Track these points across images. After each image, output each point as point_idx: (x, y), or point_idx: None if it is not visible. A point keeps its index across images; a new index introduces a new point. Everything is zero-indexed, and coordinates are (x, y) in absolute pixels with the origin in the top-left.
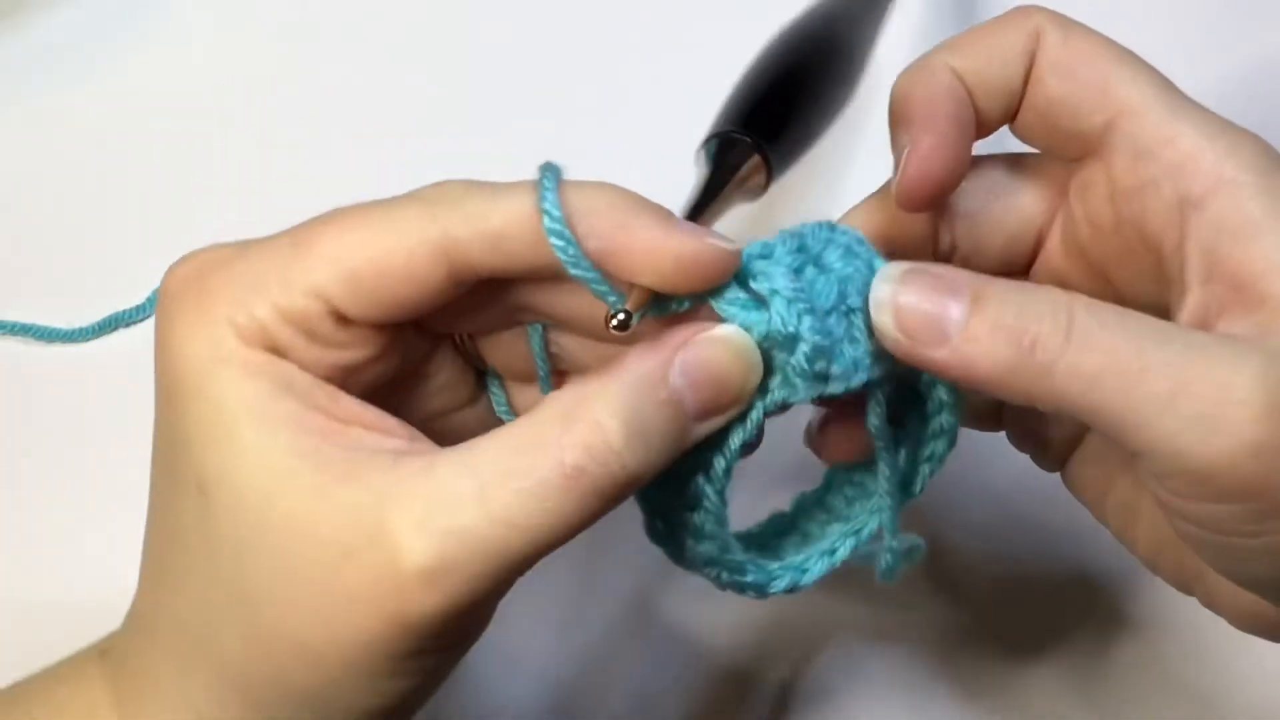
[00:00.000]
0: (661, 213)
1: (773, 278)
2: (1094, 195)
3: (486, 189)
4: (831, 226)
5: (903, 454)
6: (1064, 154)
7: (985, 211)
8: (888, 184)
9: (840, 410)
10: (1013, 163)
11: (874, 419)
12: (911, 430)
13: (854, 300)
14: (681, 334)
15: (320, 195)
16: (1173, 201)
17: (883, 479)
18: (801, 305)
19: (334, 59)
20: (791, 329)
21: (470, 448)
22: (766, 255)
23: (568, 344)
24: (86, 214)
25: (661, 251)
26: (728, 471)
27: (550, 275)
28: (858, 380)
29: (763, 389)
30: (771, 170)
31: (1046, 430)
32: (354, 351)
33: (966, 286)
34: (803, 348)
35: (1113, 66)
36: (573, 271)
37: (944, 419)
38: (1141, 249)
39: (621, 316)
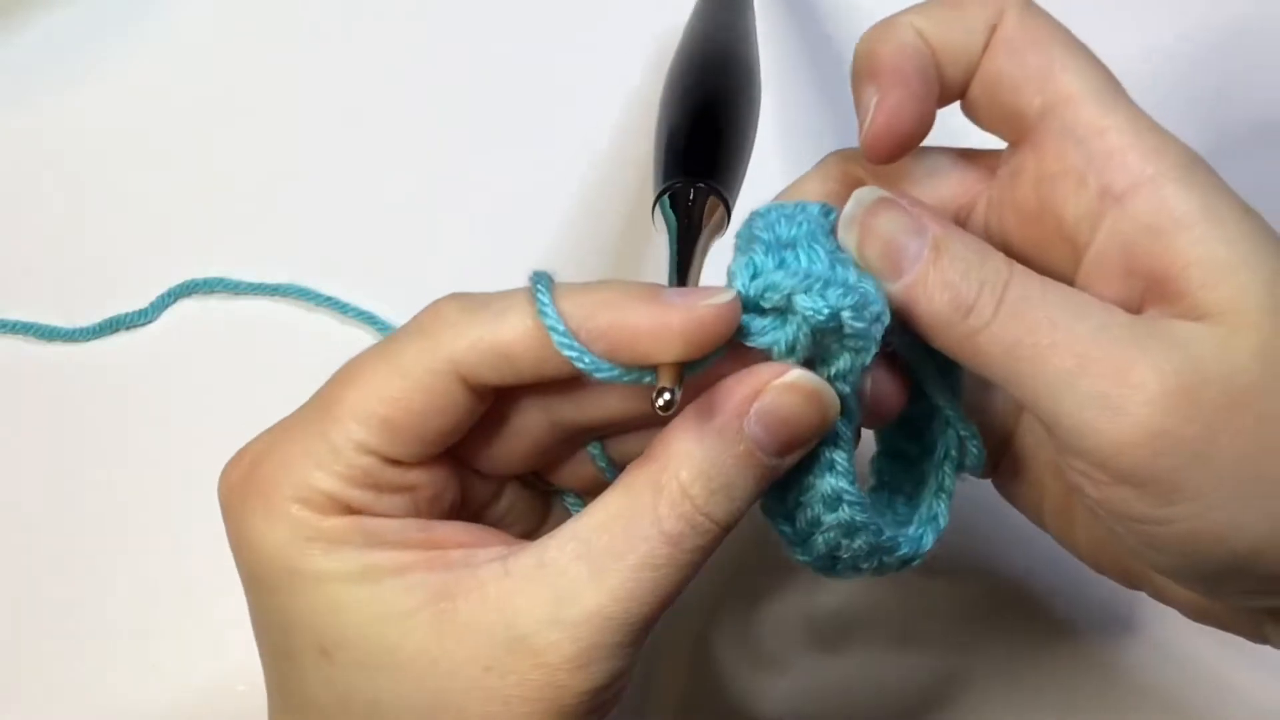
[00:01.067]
0: (649, 293)
1: (776, 286)
2: (1022, 180)
3: (482, 311)
4: (757, 214)
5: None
6: (1003, 134)
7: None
8: (809, 173)
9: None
10: (939, 151)
11: (901, 345)
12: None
13: (831, 244)
14: (752, 381)
15: (320, 194)
16: (1094, 192)
17: (933, 388)
18: (814, 283)
19: (334, 59)
20: (827, 309)
21: (573, 530)
22: (757, 274)
23: (629, 445)
24: (86, 214)
25: (665, 332)
26: (850, 458)
27: (570, 379)
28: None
29: (840, 373)
30: (730, 206)
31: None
32: (420, 490)
33: (930, 230)
34: (846, 315)
35: (1060, 52)
36: (597, 376)
37: (957, 431)
38: (1058, 238)
39: (667, 397)
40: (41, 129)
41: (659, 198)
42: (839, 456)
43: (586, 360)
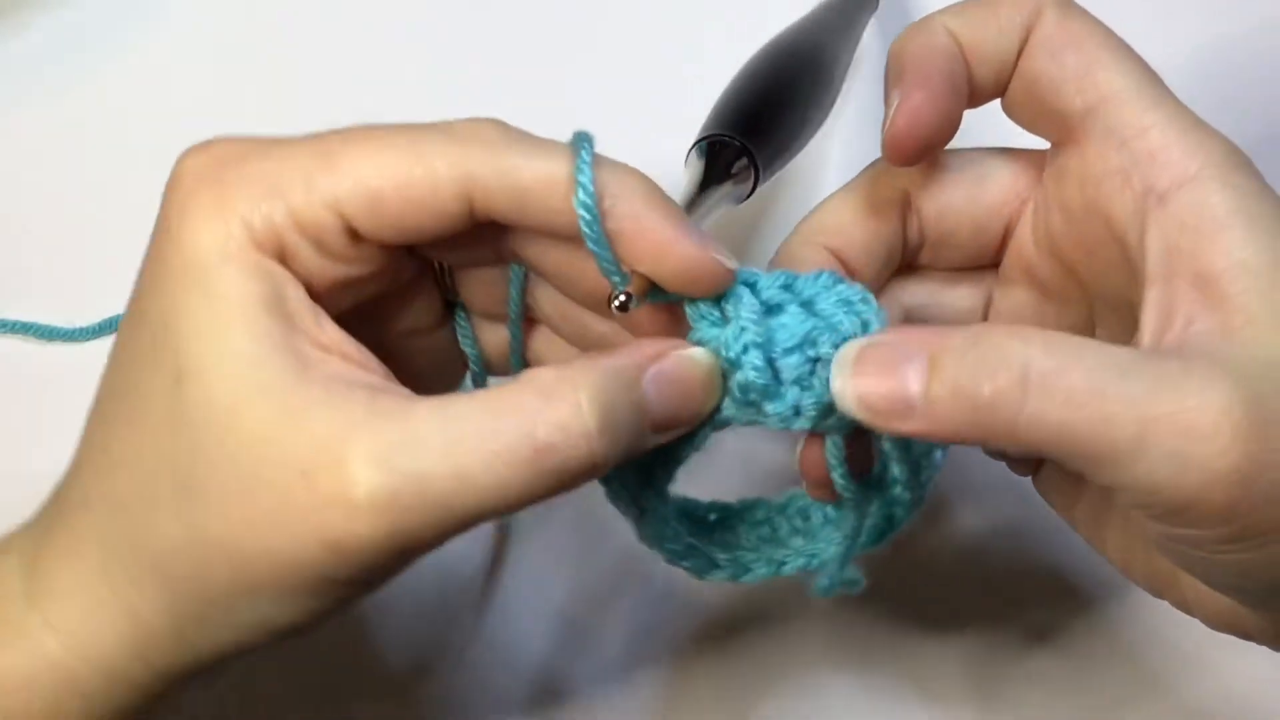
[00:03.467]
0: (677, 213)
1: (739, 304)
2: (1068, 181)
3: (520, 143)
4: (837, 279)
5: (875, 498)
6: (1046, 135)
7: (951, 200)
8: (855, 180)
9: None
10: (985, 153)
11: (832, 466)
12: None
13: (825, 350)
14: (656, 345)
15: None
16: (1139, 192)
17: (845, 522)
18: (751, 338)
19: (334, 59)
20: (733, 355)
21: (448, 401)
22: (750, 283)
23: (542, 295)
24: (86, 214)
25: (670, 251)
26: (669, 478)
27: (555, 234)
28: (798, 425)
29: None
30: (759, 175)
31: None
32: (356, 267)
33: (921, 351)
34: (738, 377)
35: (1101, 52)
36: (590, 246)
37: (898, 492)
38: (1108, 239)
39: (623, 299)
40: (41, 129)
41: (695, 144)
42: (662, 471)
43: (594, 228)
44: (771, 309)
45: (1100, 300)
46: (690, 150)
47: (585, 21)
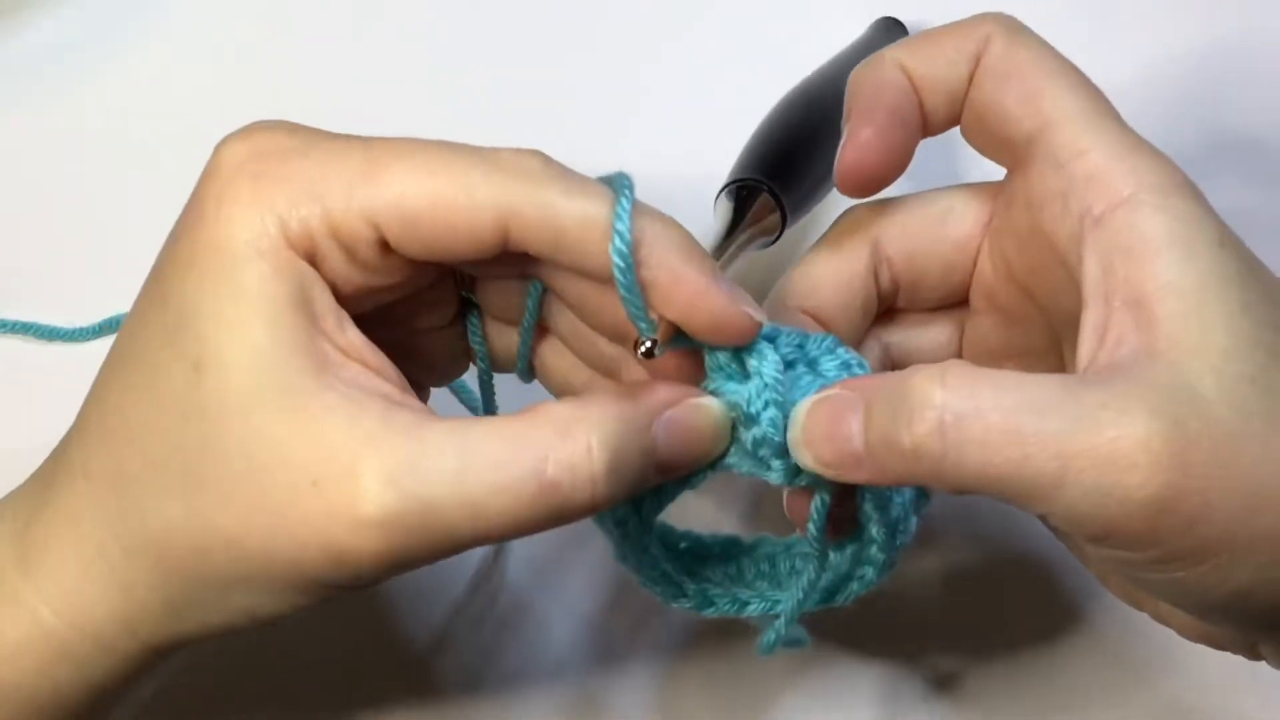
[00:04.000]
0: (710, 264)
1: (763, 360)
2: (1016, 206)
3: (561, 180)
4: (837, 342)
5: (848, 556)
6: (1000, 162)
7: (918, 242)
8: (823, 236)
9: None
10: (947, 192)
11: (812, 521)
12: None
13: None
14: (671, 391)
15: None
16: (1076, 215)
17: (803, 576)
18: (773, 395)
19: (335, 59)
20: (754, 411)
21: (464, 426)
22: (771, 338)
23: (558, 311)
24: (86, 214)
25: (701, 303)
26: (657, 510)
27: (587, 274)
28: (798, 482)
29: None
30: (786, 218)
31: None
32: (384, 277)
33: (859, 402)
34: (755, 431)
35: (1047, 79)
36: (622, 292)
37: (873, 553)
38: (1054, 261)
39: (648, 346)
40: (41, 129)
41: (724, 187)
42: (650, 504)
43: (627, 276)
44: (787, 366)
45: (1057, 320)
46: (719, 194)
47: (610, 53)
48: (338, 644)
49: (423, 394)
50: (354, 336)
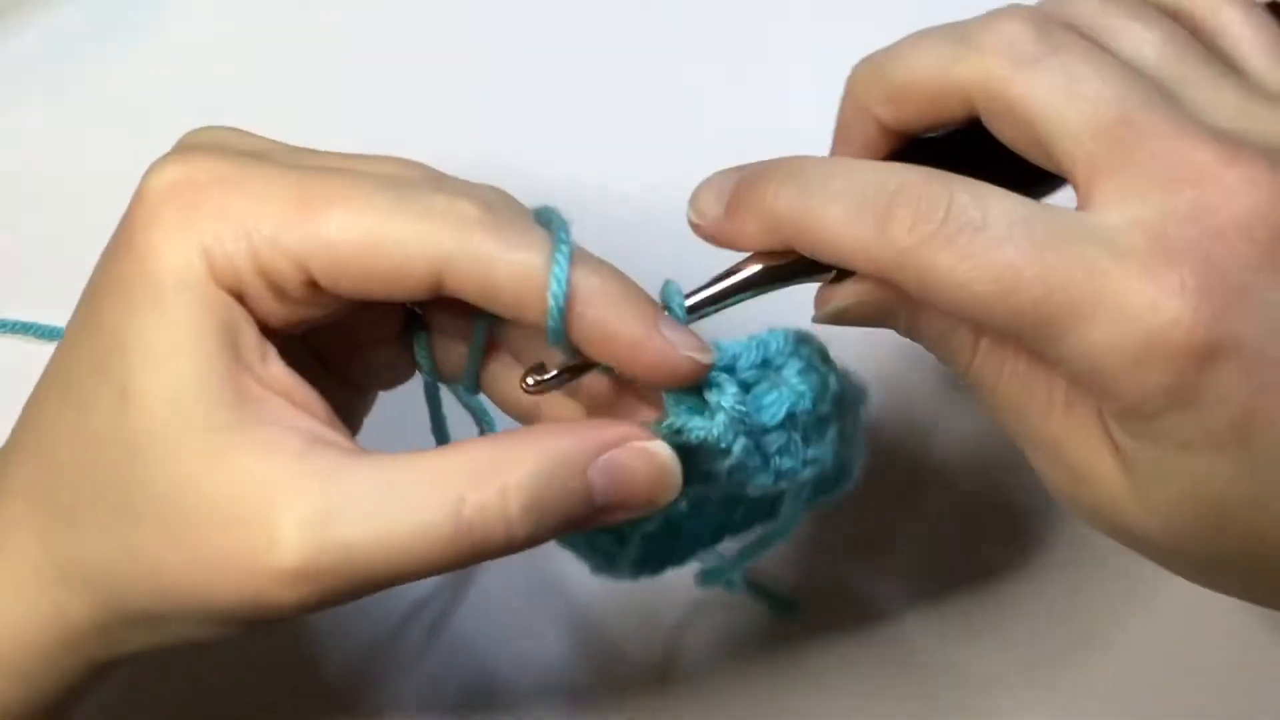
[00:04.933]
0: (650, 310)
1: (722, 393)
2: None
3: (496, 230)
4: (800, 338)
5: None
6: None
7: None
8: (843, 112)
9: None
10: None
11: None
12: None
13: (802, 415)
14: (613, 430)
15: None
16: None
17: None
18: (741, 425)
19: (335, 59)
20: (725, 445)
21: (383, 465)
22: (729, 368)
23: (510, 329)
24: (87, 214)
25: (640, 356)
26: (635, 531)
27: (523, 323)
28: (777, 486)
29: (689, 478)
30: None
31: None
32: (314, 310)
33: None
34: (728, 462)
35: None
36: (550, 342)
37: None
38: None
39: (532, 382)
40: (41, 129)
41: None
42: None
43: (558, 330)
44: (748, 386)
45: None
46: None
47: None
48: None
49: (369, 399)
50: (278, 370)
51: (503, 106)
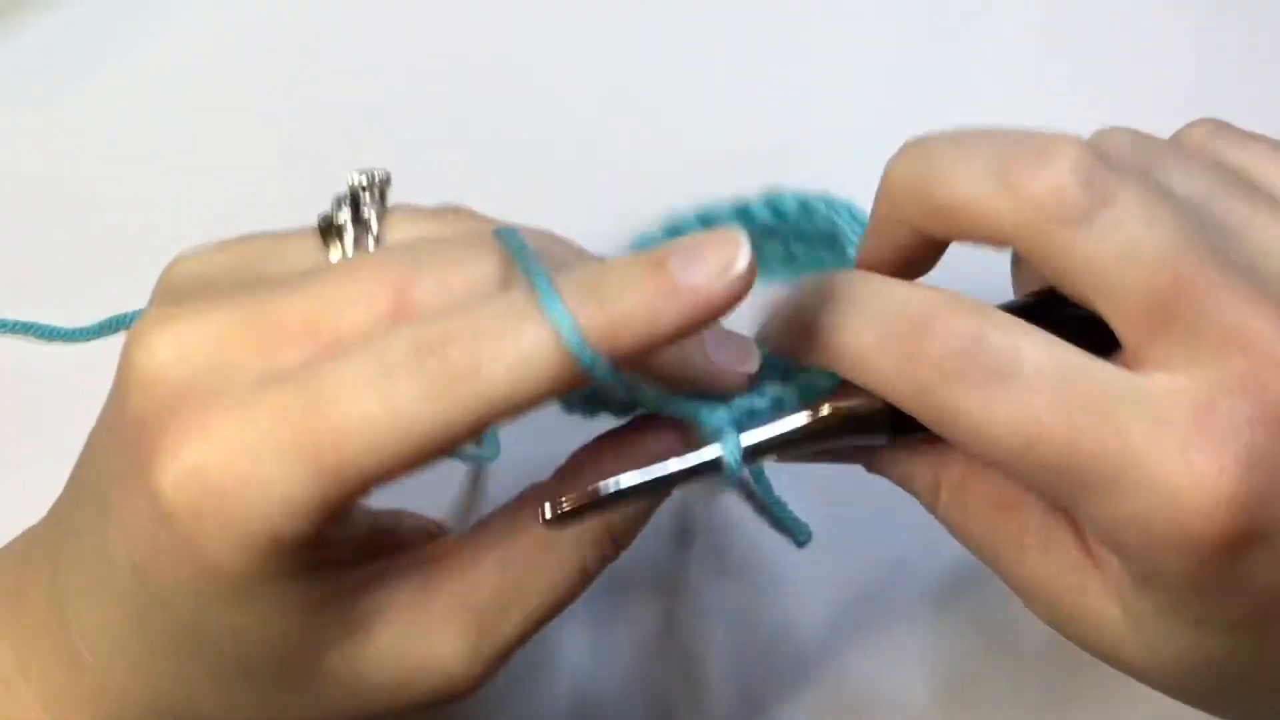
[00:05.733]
0: (649, 265)
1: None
2: None
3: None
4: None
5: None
6: None
7: None
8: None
9: None
10: None
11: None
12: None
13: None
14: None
15: (321, 196)
16: None
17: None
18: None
19: (336, 59)
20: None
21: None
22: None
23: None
24: (86, 214)
25: (661, 313)
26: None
27: None
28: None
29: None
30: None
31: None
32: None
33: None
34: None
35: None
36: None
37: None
38: None
39: (548, 515)
40: (41, 129)
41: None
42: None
43: (604, 373)
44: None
45: None
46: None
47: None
48: None
49: None
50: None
51: (503, 106)
